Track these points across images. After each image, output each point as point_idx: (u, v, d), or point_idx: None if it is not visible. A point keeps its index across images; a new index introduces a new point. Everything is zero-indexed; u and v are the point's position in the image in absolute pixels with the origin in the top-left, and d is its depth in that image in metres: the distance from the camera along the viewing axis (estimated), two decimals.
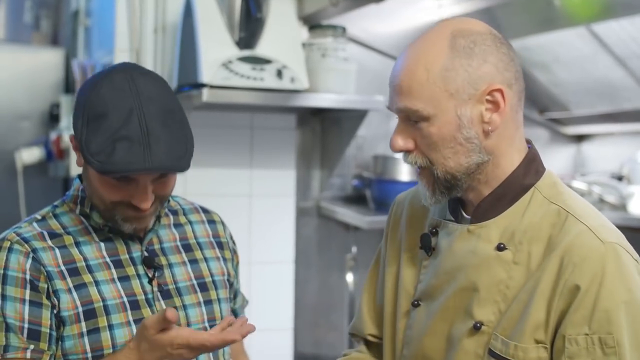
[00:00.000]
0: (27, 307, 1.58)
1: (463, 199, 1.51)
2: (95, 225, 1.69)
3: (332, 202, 3.17)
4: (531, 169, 1.46)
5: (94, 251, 1.67)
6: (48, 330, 1.59)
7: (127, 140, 1.52)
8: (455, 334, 1.44)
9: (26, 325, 1.57)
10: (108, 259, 1.67)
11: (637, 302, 1.32)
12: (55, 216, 1.70)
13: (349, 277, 3.17)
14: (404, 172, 3.01)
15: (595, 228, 1.37)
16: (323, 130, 3.16)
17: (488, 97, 1.40)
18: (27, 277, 1.59)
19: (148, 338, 1.50)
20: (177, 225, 1.82)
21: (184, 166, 1.58)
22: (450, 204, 1.54)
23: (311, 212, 3.17)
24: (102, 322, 1.61)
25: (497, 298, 1.40)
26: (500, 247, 1.41)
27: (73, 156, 3.32)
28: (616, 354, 1.30)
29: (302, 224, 3.14)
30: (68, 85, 4.07)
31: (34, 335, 1.58)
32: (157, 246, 1.74)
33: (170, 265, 1.74)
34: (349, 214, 3.02)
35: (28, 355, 1.57)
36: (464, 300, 1.43)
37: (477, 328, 1.40)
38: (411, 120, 1.43)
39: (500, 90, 1.39)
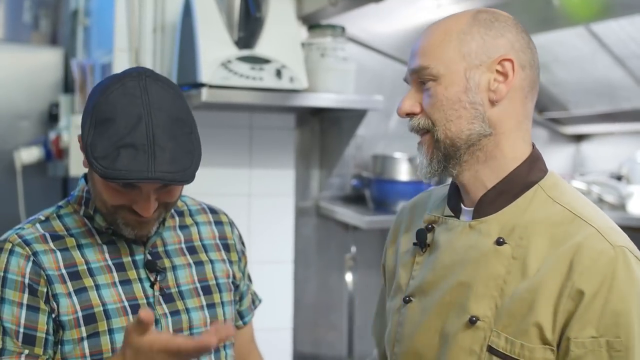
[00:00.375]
0: (23, 312, 1.57)
1: (461, 189, 1.51)
2: (99, 227, 1.69)
3: (331, 201, 3.17)
4: (536, 167, 1.47)
5: (96, 254, 1.66)
6: (44, 335, 1.58)
7: (132, 148, 1.50)
8: (450, 329, 1.44)
9: (21, 330, 1.57)
10: (110, 262, 1.66)
11: None
12: (59, 217, 1.70)
13: (348, 277, 3.17)
14: (403, 172, 3.01)
15: (604, 231, 1.36)
16: (322, 130, 3.15)
17: (498, 68, 1.42)
18: (26, 281, 1.58)
19: (130, 343, 1.46)
20: (183, 227, 1.81)
21: (187, 178, 1.56)
22: (451, 200, 1.55)
23: (310, 211, 3.17)
24: (102, 326, 1.61)
25: (494, 293, 1.40)
26: (499, 242, 1.41)
27: (73, 156, 3.32)
28: (623, 359, 1.29)
29: (302, 224, 3.14)
30: (67, 85, 4.07)
31: (29, 340, 1.57)
32: (160, 249, 1.74)
33: (173, 268, 1.73)
34: (348, 214, 3.02)
35: (22, 359, 1.57)
36: (460, 295, 1.43)
37: (472, 322, 1.40)
38: (421, 81, 1.46)
39: (511, 61, 1.42)
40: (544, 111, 3.53)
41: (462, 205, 1.51)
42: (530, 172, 1.46)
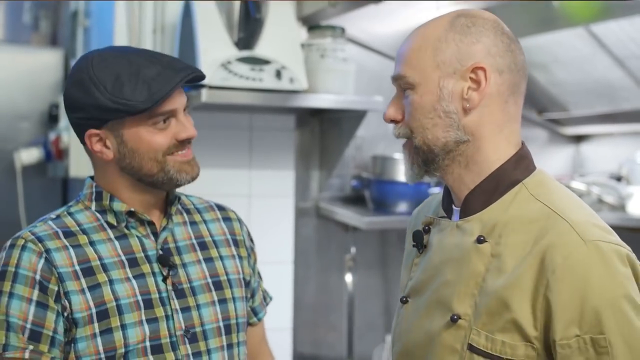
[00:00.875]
0: (32, 308, 1.58)
1: (450, 189, 1.52)
2: (112, 221, 1.70)
3: (331, 202, 3.17)
4: (521, 165, 1.47)
5: (109, 249, 1.67)
6: (51, 333, 1.59)
7: (153, 74, 1.61)
8: (435, 328, 1.45)
9: (28, 326, 1.58)
10: (123, 257, 1.68)
11: (626, 296, 1.31)
12: (70, 214, 1.71)
13: (348, 278, 3.17)
14: (403, 173, 3.00)
15: (577, 225, 1.35)
16: (322, 131, 3.16)
17: (472, 75, 1.42)
18: (37, 277, 1.59)
19: None
20: (192, 223, 1.83)
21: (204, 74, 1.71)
22: (444, 201, 1.56)
23: (310, 212, 3.17)
24: (115, 322, 1.62)
25: (474, 291, 1.40)
26: (479, 240, 1.42)
27: (73, 157, 3.32)
28: (609, 354, 1.29)
29: (301, 225, 3.14)
30: None
31: (35, 336, 1.58)
32: (172, 245, 1.75)
33: (184, 265, 1.74)
34: (347, 215, 3.02)
35: (26, 355, 1.57)
36: (445, 294, 1.44)
37: (454, 321, 1.41)
38: (402, 89, 1.48)
39: (483, 69, 1.41)
40: (543, 112, 3.53)
41: (453, 206, 1.52)
42: (515, 170, 1.46)
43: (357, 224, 2.98)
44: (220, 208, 1.91)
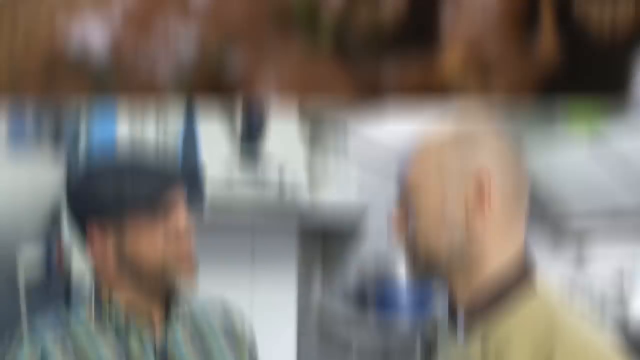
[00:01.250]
0: None
1: (453, 295, 1.51)
2: (110, 321, 1.70)
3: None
4: (524, 274, 1.45)
5: (106, 346, 1.68)
6: None
7: (156, 182, 1.64)
8: None
9: None
10: (121, 354, 1.68)
11: None
12: (70, 317, 1.71)
13: None
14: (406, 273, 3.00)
15: (578, 345, 1.33)
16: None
17: (475, 183, 1.42)
18: None
19: None
20: (193, 319, 1.82)
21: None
22: (450, 306, 1.54)
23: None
24: None
25: None
26: (479, 350, 1.41)
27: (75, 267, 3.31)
28: None
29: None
30: None
31: None
32: (170, 341, 1.75)
33: (182, 357, 1.74)
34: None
35: None
36: None
37: None
38: (405, 197, 1.48)
39: (487, 175, 1.42)
40: (544, 208, 3.53)
41: (457, 310, 1.51)
42: (518, 278, 1.45)
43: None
44: (222, 304, 1.92)
